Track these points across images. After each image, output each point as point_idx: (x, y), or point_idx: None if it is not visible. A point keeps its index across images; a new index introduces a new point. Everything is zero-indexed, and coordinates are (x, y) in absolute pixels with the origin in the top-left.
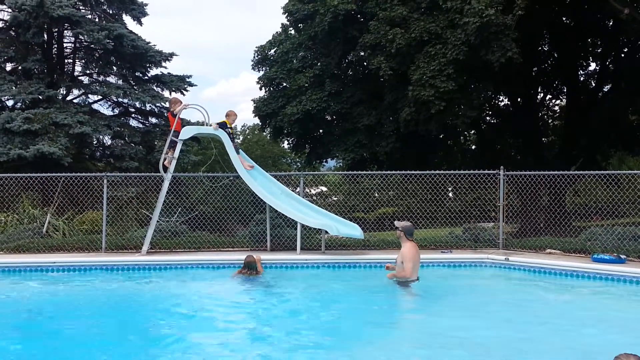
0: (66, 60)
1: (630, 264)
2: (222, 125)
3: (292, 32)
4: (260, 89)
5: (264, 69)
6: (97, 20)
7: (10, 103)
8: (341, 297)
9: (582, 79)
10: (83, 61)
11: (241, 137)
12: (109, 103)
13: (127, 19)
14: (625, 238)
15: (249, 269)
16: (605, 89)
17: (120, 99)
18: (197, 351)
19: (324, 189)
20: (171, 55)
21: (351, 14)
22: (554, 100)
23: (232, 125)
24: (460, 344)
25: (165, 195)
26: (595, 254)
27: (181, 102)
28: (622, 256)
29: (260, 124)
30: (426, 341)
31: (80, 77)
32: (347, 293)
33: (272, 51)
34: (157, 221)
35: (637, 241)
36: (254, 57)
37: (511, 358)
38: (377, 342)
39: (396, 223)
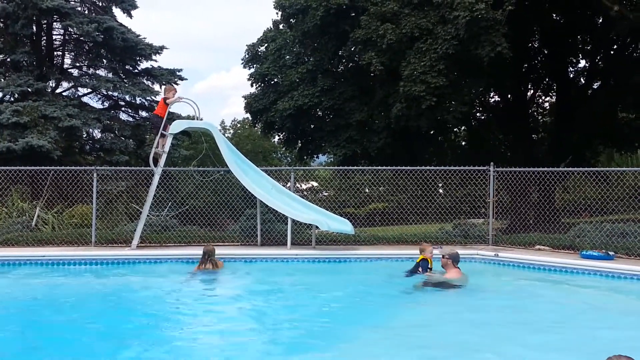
0: (55, 53)
1: (619, 261)
2: None
3: (283, 27)
4: (252, 85)
5: (254, 66)
6: (86, 12)
7: None
8: (330, 291)
9: (571, 76)
10: (72, 54)
11: (231, 131)
12: (99, 96)
13: (117, 12)
14: (614, 235)
15: (209, 258)
16: (594, 86)
17: (110, 92)
18: (184, 345)
19: (315, 184)
20: (161, 48)
21: (343, 9)
22: (543, 97)
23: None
24: (444, 339)
25: (156, 190)
26: (584, 251)
27: (175, 91)
28: (611, 253)
29: (251, 119)
30: (413, 336)
31: (69, 70)
32: (337, 288)
33: (263, 48)
34: (148, 215)
35: (625, 238)
36: (245, 55)
37: (499, 354)
38: (364, 335)
39: (442, 250)
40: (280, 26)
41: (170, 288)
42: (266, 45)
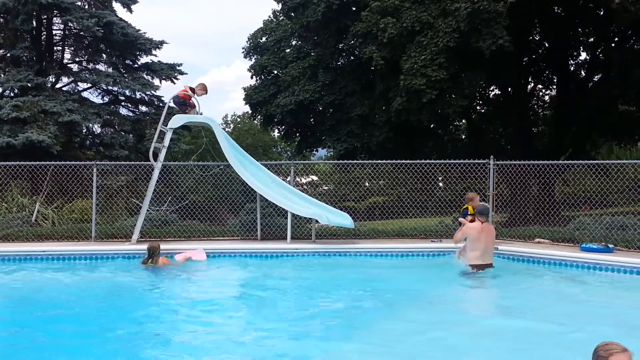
0: (55, 48)
1: (618, 253)
2: None
3: (283, 19)
4: (252, 77)
5: (255, 56)
6: (86, 7)
7: None
8: (331, 284)
9: (572, 68)
10: (72, 48)
11: (232, 126)
12: (99, 91)
13: (117, 6)
14: (614, 227)
15: (150, 255)
16: (595, 79)
17: (110, 87)
18: (185, 340)
19: (315, 178)
20: (161, 43)
21: (344, 3)
22: (544, 90)
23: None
24: (441, 337)
25: (156, 184)
26: (584, 243)
27: (206, 92)
28: (610, 245)
29: (250, 111)
30: (406, 332)
31: (69, 65)
32: (337, 281)
33: (264, 39)
34: (147, 210)
35: (624, 230)
36: (246, 45)
37: (499, 349)
38: (369, 329)
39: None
40: (280, 17)
41: (170, 282)
42: (266, 36)
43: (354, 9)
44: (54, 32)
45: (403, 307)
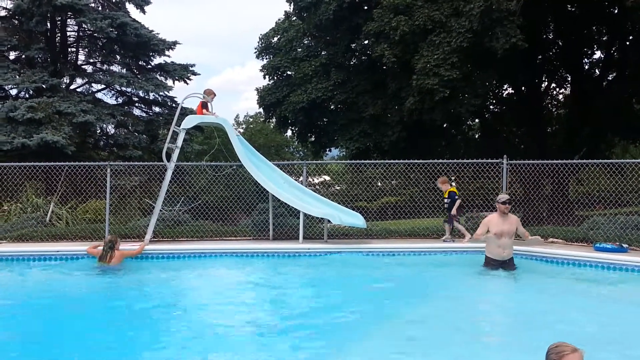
0: (69, 49)
1: (633, 253)
2: None
3: (295, 19)
4: (264, 77)
5: (267, 57)
6: (100, 8)
7: (13, 92)
8: (342, 284)
9: (586, 67)
10: (86, 50)
11: (244, 126)
12: (113, 92)
13: (130, 7)
14: (628, 227)
15: (109, 248)
16: (609, 78)
17: (123, 88)
18: (196, 339)
19: (327, 178)
20: (174, 43)
21: (356, 2)
22: (558, 89)
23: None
24: (450, 336)
25: (169, 184)
26: (598, 243)
27: (214, 95)
28: (625, 245)
29: (263, 112)
30: (412, 333)
31: (83, 66)
32: (349, 280)
33: (276, 39)
34: (160, 210)
35: (639, 230)
36: (258, 45)
37: (510, 349)
38: (379, 331)
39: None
40: (292, 18)
41: (182, 283)
42: (278, 36)
43: (365, 7)
44: (68, 33)
45: (414, 306)
